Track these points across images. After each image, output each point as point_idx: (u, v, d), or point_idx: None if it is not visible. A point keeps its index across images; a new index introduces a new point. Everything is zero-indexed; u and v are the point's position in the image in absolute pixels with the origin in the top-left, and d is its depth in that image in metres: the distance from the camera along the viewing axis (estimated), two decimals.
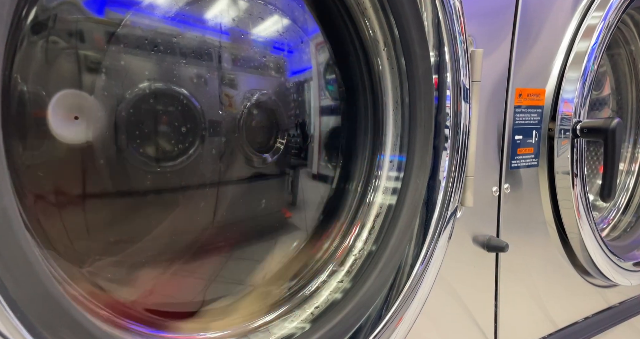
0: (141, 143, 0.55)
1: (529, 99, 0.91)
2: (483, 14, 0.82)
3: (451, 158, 0.75)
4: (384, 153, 0.75)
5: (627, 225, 1.28)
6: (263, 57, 0.66)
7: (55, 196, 0.52)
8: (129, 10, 0.54)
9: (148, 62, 0.55)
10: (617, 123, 0.95)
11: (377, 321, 0.69)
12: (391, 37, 0.69)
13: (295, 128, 0.72)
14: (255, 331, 0.64)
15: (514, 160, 0.91)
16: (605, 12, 0.97)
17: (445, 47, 0.72)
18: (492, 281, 0.92)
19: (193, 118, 0.59)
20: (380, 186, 0.75)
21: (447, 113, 0.73)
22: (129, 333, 0.52)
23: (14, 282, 0.37)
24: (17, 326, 0.38)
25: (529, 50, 0.90)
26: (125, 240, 0.58)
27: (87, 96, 0.51)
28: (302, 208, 0.76)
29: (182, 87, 0.58)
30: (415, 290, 0.72)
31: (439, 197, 0.74)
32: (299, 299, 0.69)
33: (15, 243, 0.37)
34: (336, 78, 0.75)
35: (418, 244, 0.73)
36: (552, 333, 1.05)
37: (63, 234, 0.53)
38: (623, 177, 1.35)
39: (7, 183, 0.37)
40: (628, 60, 1.30)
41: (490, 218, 0.90)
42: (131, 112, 0.53)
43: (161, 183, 0.58)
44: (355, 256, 0.72)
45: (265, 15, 0.67)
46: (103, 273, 0.56)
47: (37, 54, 0.48)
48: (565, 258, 1.06)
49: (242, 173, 0.66)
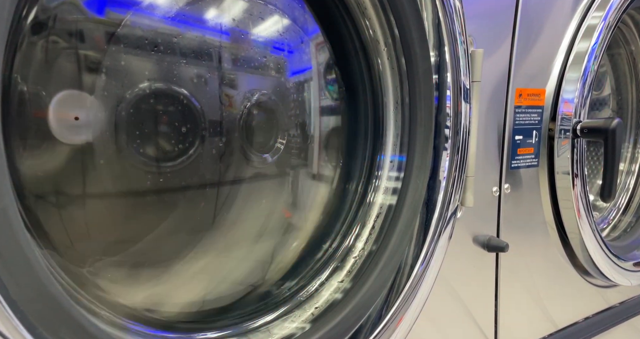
0: (141, 143, 0.55)
1: (529, 99, 0.91)
2: (483, 14, 0.82)
3: (451, 158, 0.75)
4: (384, 153, 0.75)
5: (628, 225, 1.28)
6: (263, 57, 0.66)
7: (55, 196, 0.52)
8: (129, 11, 0.54)
9: (148, 62, 0.55)
10: (617, 124, 0.95)
11: (377, 321, 0.69)
12: (391, 37, 0.69)
13: (295, 128, 0.72)
14: (255, 331, 0.64)
15: (514, 160, 0.91)
16: (606, 12, 0.97)
17: (446, 47, 0.72)
18: (492, 281, 0.92)
19: (193, 118, 0.59)
20: (381, 187, 0.75)
21: (447, 113, 0.73)
22: (129, 333, 0.52)
23: (14, 282, 0.37)
24: (17, 326, 0.38)
25: (529, 50, 0.90)
26: (125, 240, 0.58)
27: (87, 96, 0.51)
28: (302, 208, 0.76)
29: (182, 87, 0.57)
30: (416, 290, 0.72)
31: (439, 197, 0.74)
32: (299, 300, 0.69)
33: (15, 243, 0.37)
34: (336, 78, 0.75)
35: (418, 244, 0.73)
36: (552, 333, 1.05)
37: (63, 234, 0.53)
38: (623, 177, 1.35)
39: (7, 183, 0.37)
40: (628, 60, 1.30)
41: (491, 218, 0.90)
42: (131, 112, 0.53)
43: (161, 183, 0.58)
44: (355, 257, 0.72)
45: (266, 15, 0.67)
46: (103, 273, 0.56)
47: (37, 54, 0.48)
48: (565, 258, 1.06)
49: (242, 173, 0.66)
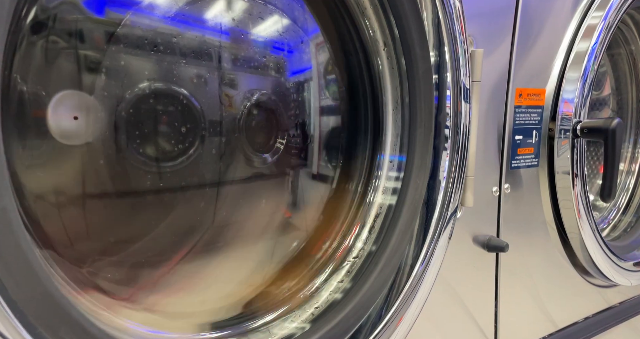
0: (141, 143, 0.55)
1: (529, 99, 0.91)
2: (483, 14, 0.82)
3: (451, 158, 0.75)
4: (384, 153, 0.75)
5: (628, 225, 1.28)
6: (263, 57, 0.66)
7: (55, 197, 0.52)
8: (129, 10, 0.54)
9: (148, 62, 0.55)
10: (617, 123, 0.95)
11: (377, 321, 0.69)
12: (391, 37, 0.69)
13: (295, 128, 0.72)
14: (255, 331, 0.64)
15: (514, 160, 0.91)
16: (605, 12, 0.97)
17: (446, 47, 0.72)
18: (492, 281, 0.92)
19: (193, 118, 0.59)
20: (380, 186, 0.75)
21: (447, 113, 0.73)
22: (129, 333, 0.52)
23: (14, 282, 0.37)
24: (17, 326, 0.38)
25: (529, 50, 0.90)
26: (125, 240, 0.58)
27: (87, 96, 0.51)
28: (302, 208, 0.76)
29: (182, 87, 0.57)
30: (416, 290, 0.72)
31: (439, 197, 0.74)
32: (299, 300, 0.69)
33: (15, 243, 0.37)
34: (336, 78, 0.75)
35: (418, 244, 0.73)
36: (552, 333, 1.05)
37: (63, 234, 0.53)
38: (623, 177, 1.35)
39: (7, 183, 0.37)
40: (628, 60, 1.30)
41: (491, 218, 0.90)
42: (131, 112, 0.53)
43: (161, 183, 0.58)
44: (355, 257, 0.72)
45: (265, 15, 0.67)
46: (103, 273, 0.56)
47: (37, 53, 0.48)
48: (565, 258, 1.06)
49: (242, 173, 0.66)
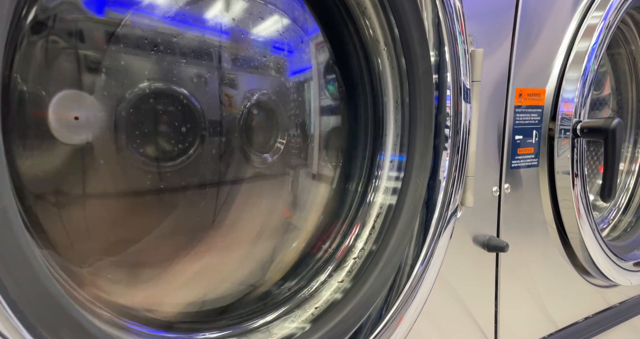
0: (141, 143, 0.55)
1: (529, 99, 0.91)
2: (483, 14, 0.82)
3: (451, 158, 0.75)
4: (384, 153, 0.75)
5: (628, 225, 1.28)
6: (263, 57, 0.66)
7: (55, 196, 0.52)
8: (129, 10, 0.54)
9: (148, 61, 0.55)
10: (617, 123, 0.95)
11: (377, 321, 0.69)
12: (391, 36, 0.69)
13: (295, 128, 0.72)
14: (255, 331, 0.64)
15: (514, 160, 0.91)
16: (605, 12, 0.97)
17: (446, 46, 0.72)
18: (492, 281, 0.92)
19: (193, 118, 0.58)
20: (381, 186, 0.75)
21: (447, 113, 0.73)
22: (129, 333, 0.52)
23: (14, 282, 0.37)
24: (17, 326, 0.38)
25: (529, 50, 0.90)
26: (125, 240, 0.58)
27: (87, 96, 0.51)
28: (302, 208, 0.76)
29: (182, 86, 0.57)
30: (416, 290, 0.72)
31: (439, 197, 0.74)
32: (299, 299, 0.69)
33: (15, 243, 0.37)
34: (336, 78, 0.75)
35: (418, 244, 0.73)
36: (552, 333, 1.05)
37: (63, 234, 0.53)
38: (623, 177, 1.35)
39: (7, 183, 0.37)
40: (628, 60, 1.30)
41: (491, 218, 0.90)
42: (131, 111, 0.53)
43: (161, 183, 0.58)
44: (355, 257, 0.72)
45: (265, 15, 0.67)
46: (103, 273, 0.56)
47: (37, 53, 0.48)
48: (565, 258, 1.06)
49: (242, 173, 0.66)
